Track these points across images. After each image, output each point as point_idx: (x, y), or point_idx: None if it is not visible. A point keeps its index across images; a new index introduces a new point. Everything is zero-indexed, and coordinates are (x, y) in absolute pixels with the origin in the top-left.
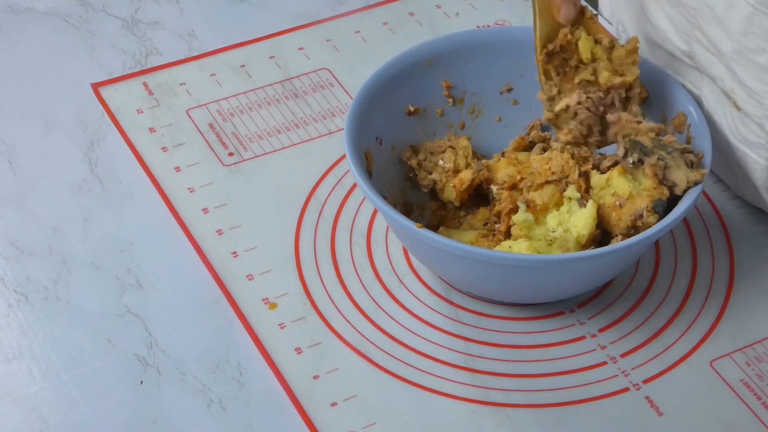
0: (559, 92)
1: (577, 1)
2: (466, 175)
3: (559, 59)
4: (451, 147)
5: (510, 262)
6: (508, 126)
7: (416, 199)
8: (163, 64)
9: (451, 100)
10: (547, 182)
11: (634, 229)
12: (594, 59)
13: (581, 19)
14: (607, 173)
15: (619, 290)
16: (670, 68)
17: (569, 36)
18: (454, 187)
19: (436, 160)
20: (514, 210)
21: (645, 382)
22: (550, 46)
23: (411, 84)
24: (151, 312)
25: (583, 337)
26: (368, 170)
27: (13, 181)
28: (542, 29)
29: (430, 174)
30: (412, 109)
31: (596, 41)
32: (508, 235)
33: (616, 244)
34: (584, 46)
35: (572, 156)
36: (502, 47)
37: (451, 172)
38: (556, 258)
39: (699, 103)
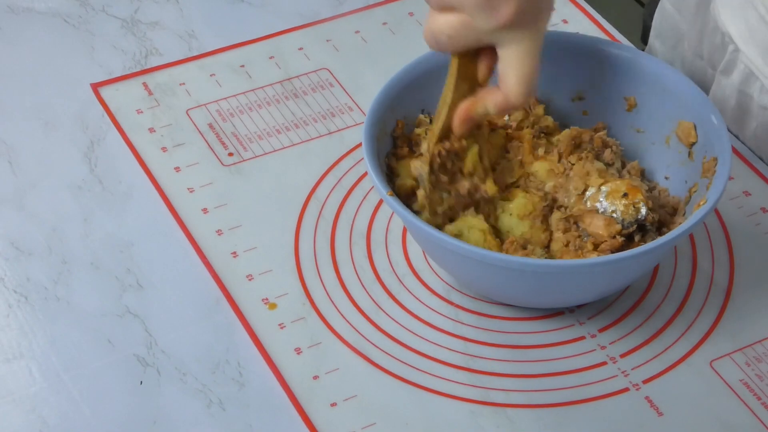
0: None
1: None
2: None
3: (445, 159)
4: None
5: (523, 267)
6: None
7: None
8: (163, 64)
9: None
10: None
11: None
12: (472, 174)
13: (476, 132)
14: None
15: (619, 290)
16: None
17: (463, 143)
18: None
19: None
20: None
21: (645, 382)
22: (447, 145)
23: None
24: (151, 312)
25: (582, 338)
26: (393, 135)
27: (13, 181)
28: (445, 122)
29: None
30: None
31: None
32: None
33: (646, 245)
34: (470, 160)
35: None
36: (573, 52)
37: None
38: (571, 263)
39: None
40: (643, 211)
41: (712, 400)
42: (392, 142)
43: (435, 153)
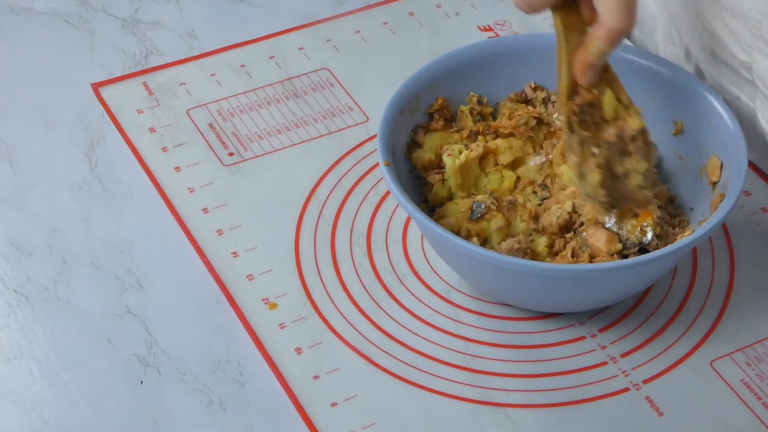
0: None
1: (600, 67)
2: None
3: (582, 114)
4: None
5: (543, 272)
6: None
7: None
8: (163, 64)
9: None
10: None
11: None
12: (615, 117)
13: (604, 76)
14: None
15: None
16: (725, 78)
17: (594, 92)
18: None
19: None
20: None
21: (645, 382)
22: (578, 100)
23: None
24: (151, 312)
25: (583, 337)
26: (428, 112)
27: (13, 181)
28: (568, 79)
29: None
30: (533, 85)
31: (618, 99)
32: None
33: (665, 249)
34: (609, 104)
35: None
36: (637, 69)
37: None
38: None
39: (753, 117)
40: (650, 235)
41: (713, 400)
42: (428, 117)
43: (570, 112)
